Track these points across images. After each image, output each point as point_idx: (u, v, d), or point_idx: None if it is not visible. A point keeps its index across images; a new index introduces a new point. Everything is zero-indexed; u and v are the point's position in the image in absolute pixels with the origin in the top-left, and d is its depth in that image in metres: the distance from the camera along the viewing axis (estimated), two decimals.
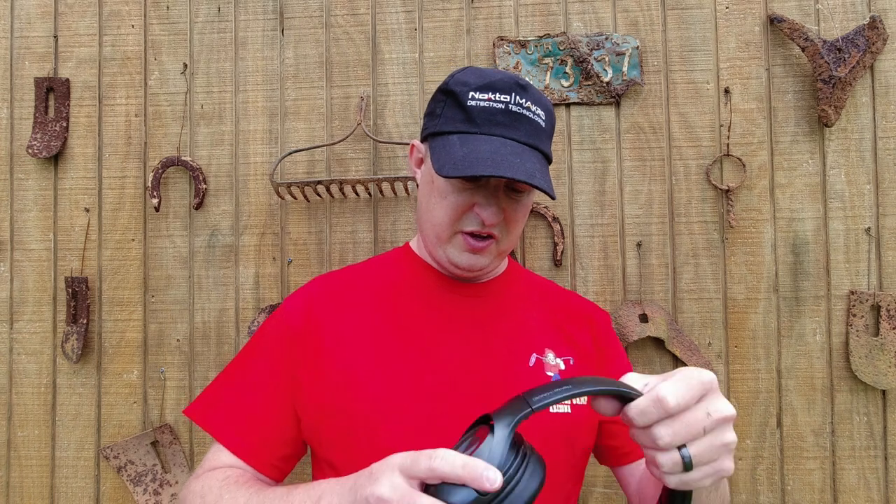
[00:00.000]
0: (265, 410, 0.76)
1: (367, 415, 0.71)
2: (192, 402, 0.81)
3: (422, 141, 0.82)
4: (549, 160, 0.79)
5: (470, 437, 0.48)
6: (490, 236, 0.77)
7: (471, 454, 0.45)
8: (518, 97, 0.73)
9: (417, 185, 0.91)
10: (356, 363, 0.74)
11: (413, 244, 0.88)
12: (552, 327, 0.82)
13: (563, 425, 0.75)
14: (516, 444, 0.46)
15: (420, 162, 0.84)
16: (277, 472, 0.77)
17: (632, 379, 0.52)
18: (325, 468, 0.75)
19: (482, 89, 0.73)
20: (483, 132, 0.73)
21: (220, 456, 0.75)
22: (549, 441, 0.73)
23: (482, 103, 0.73)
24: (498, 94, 0.73)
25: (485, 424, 0.48)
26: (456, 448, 0.47)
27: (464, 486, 0.43)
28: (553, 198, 0.72)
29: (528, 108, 0.74)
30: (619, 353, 0.88)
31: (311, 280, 0.87)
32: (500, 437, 0.45)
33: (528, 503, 0.44)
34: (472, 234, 0.76)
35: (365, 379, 0.73)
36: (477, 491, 0.43)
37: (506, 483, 0.43)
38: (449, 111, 0.76)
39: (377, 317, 0.78)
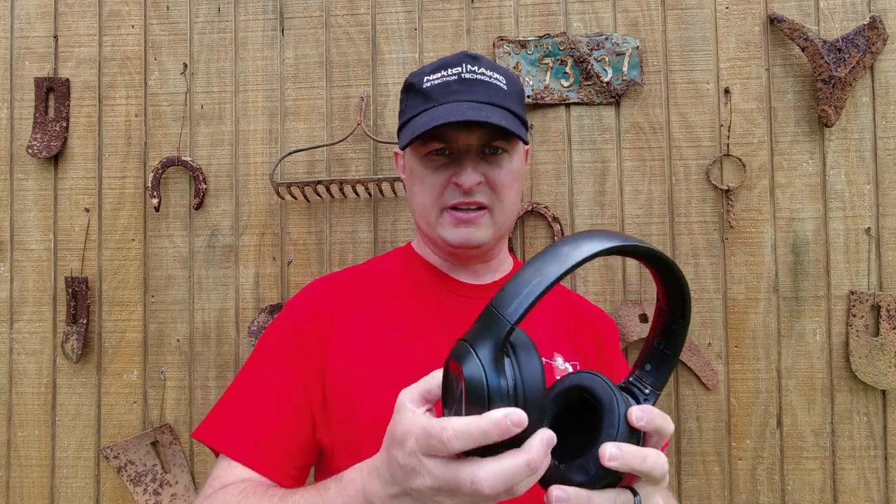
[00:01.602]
0: (282, 418, 0.73)
1: (373, 422, 0.68)
2: (198, 425, 0.77)
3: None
4: (522, 121, 0.77)
5: (455, 381, 0.43)
6: (479, 207, 0.75)
7: (464, 402, 0.41)
8: (469, 66, 0.74)
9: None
10: (363, 368, 0.73)
11: (415, 244, 0.88)
12: (560, 332, 0.81)
13: None
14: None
15: (405, 167, 0.84)
16: (295, 482, 0.73)
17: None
18: None
19: (435, 70, 0.75)
20: (441, 103, 0.73)
21: (232, 471, 0.70)
22: None
23: (436, 81, 0.74)
24: (450, 69, 0.75)
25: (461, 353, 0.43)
26: (446, 403, 0.44)
27: None
28: (525, 142, 0.73)
29: (482, 74, 0.74)
30: (623, 369, 0.87)
31: (310, 283, 0.85)
32: (490, 373, 0.40)
33: (542, 381, 0.41)
34: (459, 208, 0.75)
35: (371, 385, 0.71)
36: None
37: (517, 394, 0.41)
38: (411, 101, 0.77)
39: (383, 320, 0.77)
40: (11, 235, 1.25)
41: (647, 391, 0.49)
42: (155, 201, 1.20)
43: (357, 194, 1.21)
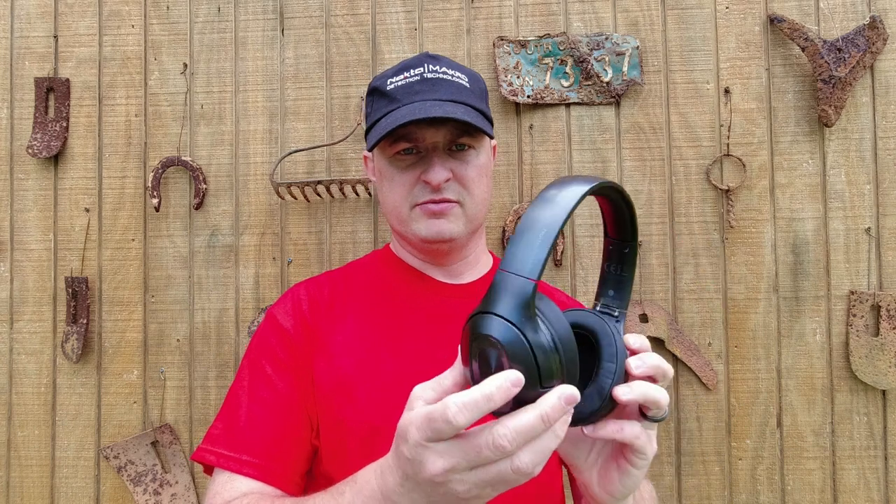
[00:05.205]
0: (287, 426, 0.72)
1: (359, 425, 0.70)
2: (196, 447, 0.76)
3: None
4: (487, 118, 0.79)
5: (489, 356, 0.41)
6: (448, 201, 0.76)
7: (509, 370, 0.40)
8: (431, 66, 0.76)
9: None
10: (347, 375, 0.73)
11: (393, 246, 0.88)
12: None
13: None
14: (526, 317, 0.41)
15: (374, 169, 0.85)
16: (299, 489, 0.73)
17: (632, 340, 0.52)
18: (323, 484, 0.70)
19: (397, 73, 0.77)
20: (405, 103, 0.74)
21: (232, 485, 0.69)
22: None
23: (400, 83, 0.76)
24: (412, 70, 0.76)
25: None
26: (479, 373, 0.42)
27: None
28: (491, 136, 0.74)
29: (444, 73, 0.76)
30: None
31: (290, 289, 0.84)
32: (531, 334, 0.39)
33: (571, 332, 0.41)
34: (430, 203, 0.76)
35: (356, 391, 0.72)
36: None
37: (557, 349, 0.40)
38: (376, 104, 0.79)
39: (364, 325, 0.77)
40: (11, 235, 1.25)
41: (616, 313, 0.54)
42: (155, 201, 1.20)
43: (357, 194, 1.21)
